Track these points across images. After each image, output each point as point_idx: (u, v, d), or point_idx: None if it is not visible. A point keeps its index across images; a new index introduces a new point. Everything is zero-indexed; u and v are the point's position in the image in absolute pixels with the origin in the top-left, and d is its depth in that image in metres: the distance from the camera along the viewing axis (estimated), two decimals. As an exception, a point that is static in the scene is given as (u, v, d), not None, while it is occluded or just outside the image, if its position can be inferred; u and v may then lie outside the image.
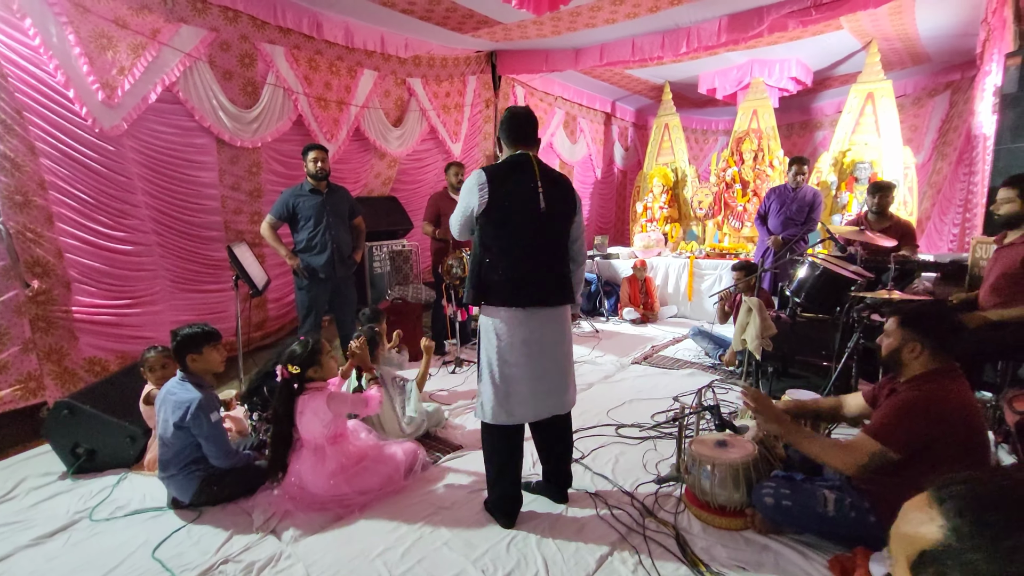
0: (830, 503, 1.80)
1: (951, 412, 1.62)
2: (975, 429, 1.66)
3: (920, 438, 1.62)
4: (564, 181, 2.12)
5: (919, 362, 1.74)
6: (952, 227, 5.90)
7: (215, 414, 2.19)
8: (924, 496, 0.62)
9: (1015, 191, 2.48)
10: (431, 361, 3.14)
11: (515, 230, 1.98)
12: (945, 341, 1.72)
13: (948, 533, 0.56)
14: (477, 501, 2.26)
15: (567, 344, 2.15)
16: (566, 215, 2.07)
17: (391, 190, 5.59)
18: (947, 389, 1.66)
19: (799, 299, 3.07)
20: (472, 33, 5.07)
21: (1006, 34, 3.66)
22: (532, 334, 2.02)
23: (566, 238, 2.10)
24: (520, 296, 2.00)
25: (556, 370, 2.10)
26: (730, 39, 4.73)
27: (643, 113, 8.99)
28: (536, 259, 2.01)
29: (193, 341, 2.25)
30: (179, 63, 3.52)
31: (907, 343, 1.75)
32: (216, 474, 2.21)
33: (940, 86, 6.54)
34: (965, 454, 1.62)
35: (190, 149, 3.75)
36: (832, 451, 1.76)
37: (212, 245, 3.96)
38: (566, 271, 2.10)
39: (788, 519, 1.87)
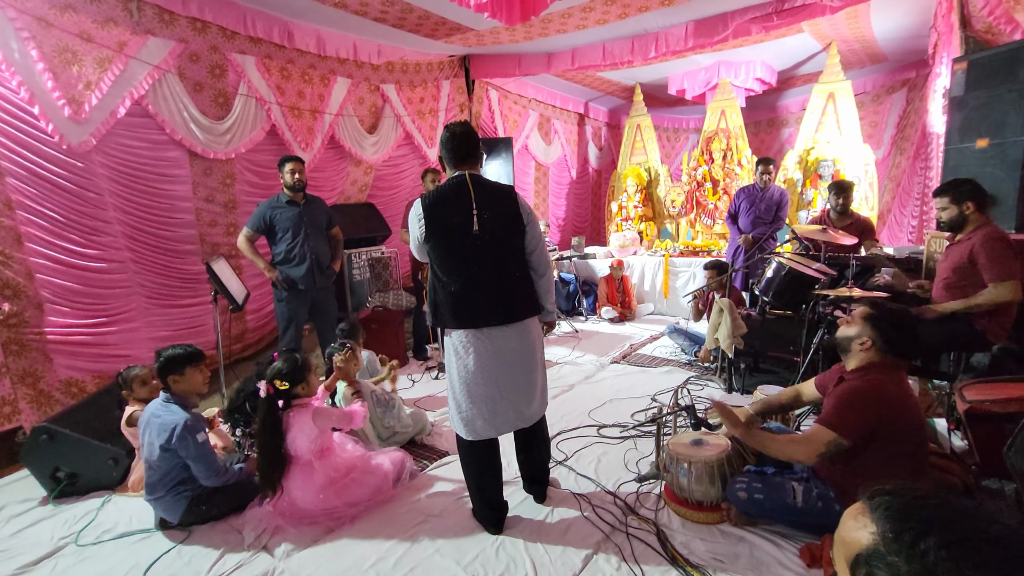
0: (799, 494, 1.92)
1: (890, 400, 1.78)
2: (913, 416, 1.82)
3: (867, 425, 1.76)
4: (507, 198, 2.07)
5: (866, 355, 1.88)
6: (911, 219, 6.18)
7: (200, 434, 2.19)
8: (859, 504, 0.71)
9: (947, 198, 2.67)
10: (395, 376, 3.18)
11: (454, 255, 2.02)
12: (895, 345, 1.85)
13: (876, 538, 0.65)
14: (465, 507, 2.32)
15: (530, 357, 2.13)
16: (510, 231, 2.05)
17: (368, 196, 5.58)
18: (886, 379, 1.82)
19: (767, 298, 3.21)
20: (445, 39, 5.10)
21: (953, 39, 3.87)
22: (487, 352, 2.04)
23: (516, 254, 2.08)
24: (467, 318, 2.03)
25: (516, 385, 2.09)
26: (697, 44, 4.87)
27: (616, 113, 9.13)
28: (477, 280, 2.01)
29: (175, 362, 2.25)
30: (148, 76, 3.47)
31: (861, 335, 1.88)
32: (204, 493, 2.22)
33: (897, 83, 6.82)
34: (906, 439, 1.78)
35: (162, 162, 3.70)
36: (792, 447, 1.89)
37: (188, 259, 3.92)
38: (517, 288, 2.08)
39: (761, 511, 1.99)
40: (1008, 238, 2.55)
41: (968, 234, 2.64)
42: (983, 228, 2.59)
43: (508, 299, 2.06)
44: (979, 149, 3.42)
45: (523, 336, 2.11)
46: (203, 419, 2.29)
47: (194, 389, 2.32)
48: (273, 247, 3.62)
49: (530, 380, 2.14)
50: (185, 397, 2.27)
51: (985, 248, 2.52)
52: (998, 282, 2.49)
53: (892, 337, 1.84)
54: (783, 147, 8.07)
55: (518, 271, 2.10)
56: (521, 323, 2.10)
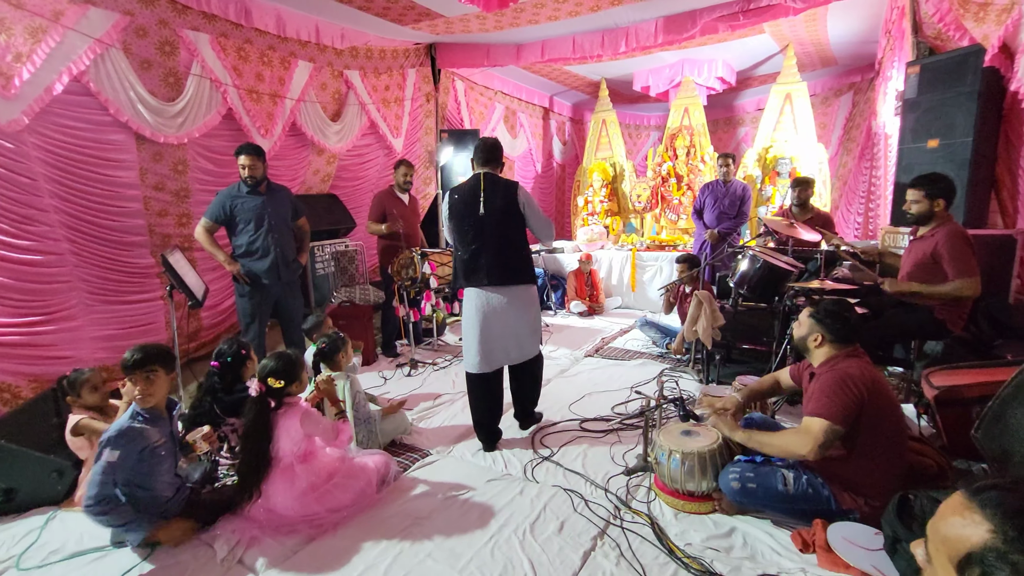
0: (789, 481, 1.97)
1: (864, 381, 1.87)
2: (887, 395, 1.92)
3: (853, 407, 1.85)
4: (509, 190, 2.64)
5: (822, 350, 2.01)
6: (857, 216, 6.53)
7: (112, 452, 1.88)
8: (960, 500, 0.69)
9: (922, 192, 2.76)
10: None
11: (465, 231, 2.65)
12: (839, 332, 1.99)
13: (994, 536, 0.63)
14: (455, 508, 2.24)
15: (518, 313, 2.67)
16: (510, 214, 2.62)
17: (331, 187, 5.35)
18: (853, 365, 1.93)
19: (744, 291, 3.28)
20: (412, 25, 4.93)
21: (905, 44, 4.08)
22: (483, 305, 2.65)
23: (515, 233, 2.65)
24: (472, 278, 2.66)
25: (505, 334, 2.67)
26: (666, 40, 4.92)
27: (580, 108, 9.17)
28: (481, 251, 2.62)
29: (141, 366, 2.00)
30: (88, 50, 3.15)
31: (811, 333, 2.04)
32: (167, 513, 2.03)
33: (844, 87, 7.18)
34: (885, 418, 1.87)
35: (105, 146, 3.38)
36: (790, 443, 1.93)
37: (135, 251, 3.61)
38: (512, 259, 2.64)
39: (753, 500, 2.01)
40: (968, 235, 2.70)
41: (932, 230, 2.77)
42: (946, 225, 2.72)
43: (503, 267, 2.63)
44: (930, 149, 3.63)
45: (513, 296, 2.66)
46: (140, 436, 1.95)
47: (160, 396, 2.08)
48: (233, 239, 3.39)
49: (517, 331, 2.69)
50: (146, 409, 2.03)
51: (948, 245, 2.65)
52: (963, 278, 2.63)
53: (835, 327, 1.99)
54: (739, 145, 8.36)
55: (515, 246, 2.65)
56: (514, 287, 2.66)
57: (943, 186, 2.74)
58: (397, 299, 4.29)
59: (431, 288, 4.30)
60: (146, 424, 1.99)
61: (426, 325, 4.88)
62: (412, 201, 4.60)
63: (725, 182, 5.13)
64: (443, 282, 4.38)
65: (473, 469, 2.60)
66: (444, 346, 4.83)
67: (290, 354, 2.20)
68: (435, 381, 3.92)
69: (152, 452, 2.01)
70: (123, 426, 1.95)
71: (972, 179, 3.37)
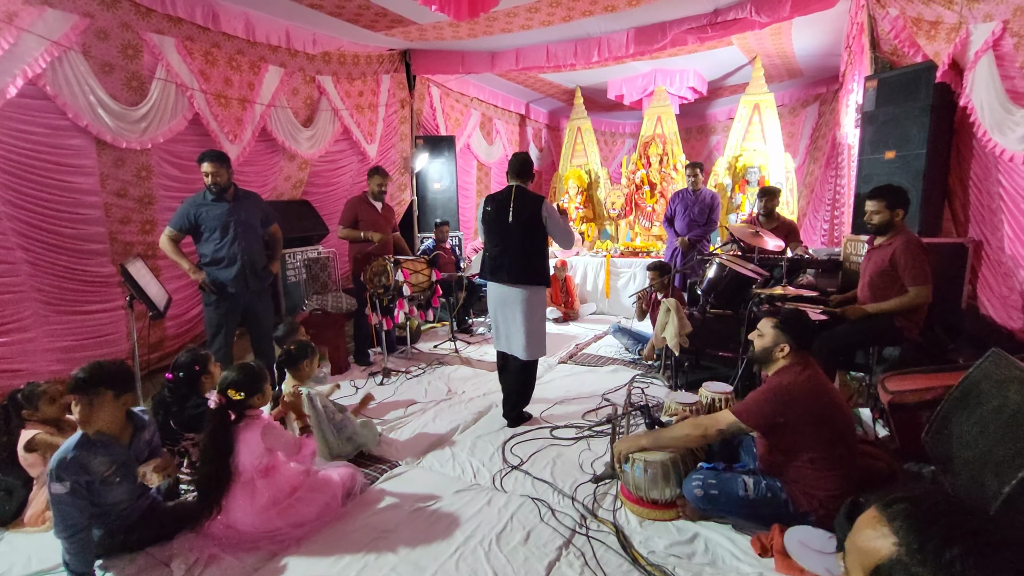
0: (750, 487, 2.01)
1: (802, 396, 1.94)
2: (831, 401, 1.98)
3: (770, 416, 1.94)
4: (535, 203, 2.99)
5: (784, 359, 2.07)
6: (823, 223, 6.73)
7: (58, 485, 1.80)
8: (873, 513, 0.72)
9: (883, 203, 2.85)
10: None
11: (494, 235, 3.06)
12: (803, 340, 2.07)
13: (899, 549, 0.65)
14: (421, 520, 2.22)
15: (522, 311, 3.02)
16: (531, 219, 2.97)
17: (303, 193, 5.28)
18: (793, 375, 1.99)
19: (712, 298, 3.34)
20: (386, 31, 4.92)
21: (864, 59, 4.23)
22: (496, 299, 3.14)
23: (535, 241, 3.01)
24: (495, 275, 3.09)
25: (504, 324, 3.13)
26: (637, 50, 5.01)
27: (556, 115, 9.25)
28: (505, 253, 3.02)
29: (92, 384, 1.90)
30: (45, 52, 3.05)
31: (779, 343, 2.07)
32: (125, 525, 1.96)
33: (810, 98, 7.39)
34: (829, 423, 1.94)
35: (63, 151, 3.27)
36: (693, 424, 2.10)
37: (95, 259, 3.50)
38: (528, 263, 3.00)
39: (716, 506, 2.05)
40: (923, 244, 2.80)
41: (890, 239, 2.87)
42: (903, 234, 2.83)
43: (522, 269, 3.01)
44: (888, 160, 3.76)
45: (518, 295, 3.03)
46: (81, 465, 1.85)
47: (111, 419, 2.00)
48: (199, 247, 3.31)
49: (513, 326, 3.08)
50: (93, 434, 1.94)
51: (905, 253, 2.75)
52: (917, 286, 2.74)
53: (800, 334, 2.06)
54: (711, 153, 8.54)
55: (534, 252, 3.02)
56: (520, 287, 3.01)
57: (902, 197, 2.85)
58: (370, 307, 4.25)
59: (404, 296, 4.27)
60: (92, 452, 1.88)
61: (400, 333, 4.85)
62: (385, 208, 4.57)
63: (694, 190, 5.24)
64: (416, 290, 4.35)
65: (442, 479, 2.58)
66: (418, 354, 4.80)
67: (252, 366, 2.16)
68: (408, 390, 3.89)
69: (103, 481, 1.92)
70: (66, 456, 1.84)
71: (926, 190, 3.50)
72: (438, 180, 6.59)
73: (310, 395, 2.63)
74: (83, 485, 1.86)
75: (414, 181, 6.35)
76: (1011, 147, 2.68)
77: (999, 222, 3.04)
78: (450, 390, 3.85)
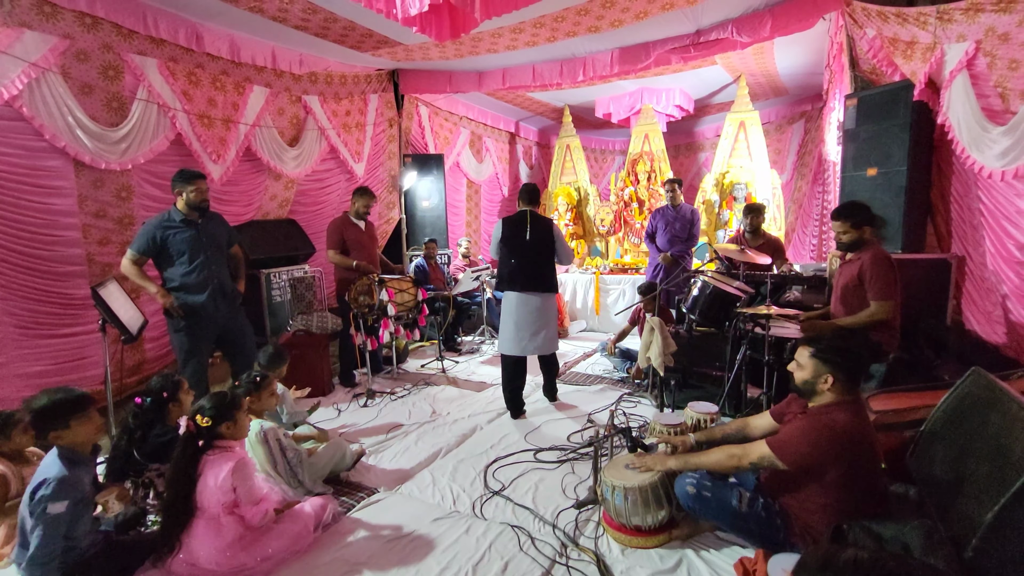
0: (744, 501, 1.95)
1: (843, 444, 1.77)
2: (869, 453, 1.81)
3: (810, 458, 1.79)
4: (547, 225, 3.61)
5: (831, 392, 1.86)
6: (812, 238, 6.75)
7: (57, 505, 1.77)
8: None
9: (848, 223, 2.83)
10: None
11: (514, 250, 3.57)
12: (852, 373, 1.86)
13: None
14: (396, 551, 2.15)
15: (541, 313, 3.58)
16: (544, 238, 3.57)
17: (289, 212, 5.25)
18: (843, 419, 1.80)
19: (695, 316, 3.32)
20: (372, 52, 4.95)
21: (844, 78, 4.28)
22: (518, 305, 3.58)
23: (547, 255, 3.60)
24: (514, 284, 3.58)
25: (527, 326, 3.56)
26: (622, 70, 5.06)
27: (546, 133, 9.32)
28: (521, 265, 3.55)
29: (53, 414, 1.86)
30: (22, 74, 3.04)
31: (821, 375, 1.87)
32: (82, 561, 1.88)
33: (796, 115, 7.49)
34: (856, 479, 1.80)
35: (40, 172, 3.24)
36: (725, 455, 1.97)
37: (71, 281, 3.44)
38: (541, 273, 3.58)
39: (705, 509, 1.99)
40: (891, 259, 2.80)
41: (859, 254, 2.86)
42: (871, 249, 2.82)
43: (534, 277, 3.56)
44: (870, 177, 3.77)
45: (537, 300, 3.58)
46: (82, 485, 1.86)
47: (82, 442, 1.94)
48: (165, 271, 3.15)
49: (537, 326, 3.57)
50: (73, 450, 1.91)
51: (871, 268, 2.75)
52: (879, 300, 2.73)
53: (846, 365, 1.84)
54: (700, 170, 8.60)
55: (544, 265, 3.59)
56: (538, 293, 3.58)
57: (865, 213, 2.85)
58: (354, 327, 4.19)
59: (389, 316, 4.22)
60: (78, 469, 1.87)
61: (387, 353, 4.78)
62: (369, 227, 4.54)
63: (674, 206, 5.26)
64: (402, 309, 4.31)
65: (420, 507, 2.51)
66: (404, 374, 4.73)
67: (225, 393, 2.09)
68: (392, 412, 3.82)
69: (83, 500, 1.88)
70: (62, 474, 1.80)
71: (908, 205, 3.51)
72: (427, 198, 6.58)
73: (263, 431, 2.48)
74: (77, 503, 1.82)
75: (402, 199, 6.35)
76: (989, 164, 2.70)
77: (981, 238, 3.04)
78: (435, 411, 3.78)
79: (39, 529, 1.76)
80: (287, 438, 2.58)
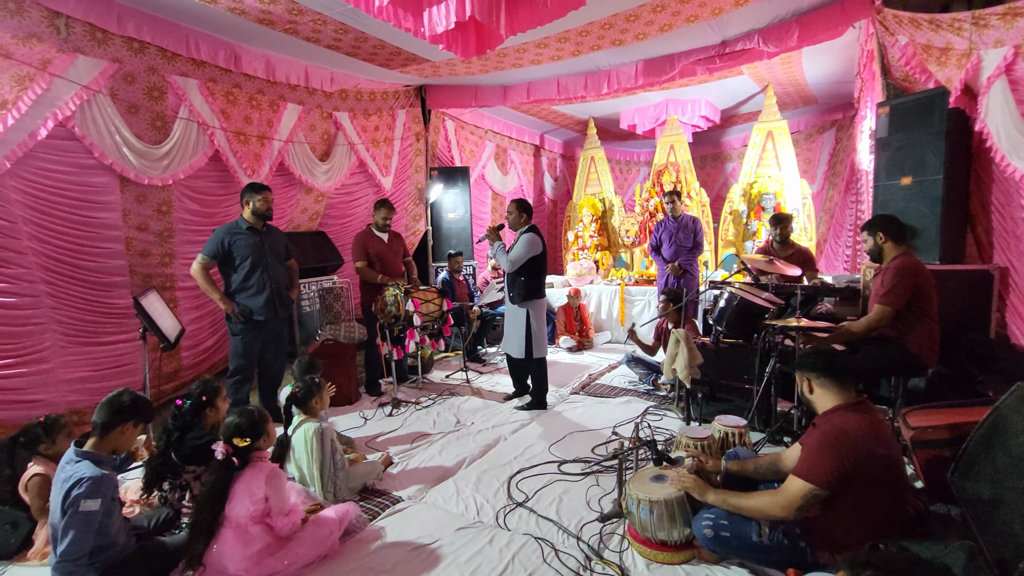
0: (764, 532, 1.89)
1: (857, 441, 1.74)
2: (887, 455, 1.77)
3: (840, 469, 1.72)
4: None
5: (822, 400, 1.92)
6: (845, 249, 6.56)
7: (90, 502, 1.85)
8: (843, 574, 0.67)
9: (866, 231, 2.94)
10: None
11: (542, 261, 3.87)
12: (831, 372, 1.90)
13: None
14: (419, 560, 2.16)
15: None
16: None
17: (319, 225, 5.40)
18: (852, 420, 1.79)
19: (721, 327, 3.26)
20: (400, 69, 5.08)
21: (876, 86, 4.19)
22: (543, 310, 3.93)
23: None
24: (542, 293, 3.91)
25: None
26: (646, 82, 5.07)
27: (570, 145, 9.36)
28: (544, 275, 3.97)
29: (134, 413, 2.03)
30: (75, 96, 3.24)
31: (802, 382, 1.99)
32: (119, 561, 1.95)
33: (827, 124, 7.34)
34: (878, 481, 1.74)
35: (88, 188, 3.43)
36: (766, 505, 1.85)
37: (115, 292, 3.61)
38: None
39: (727, 549, 1.94)
40: (914, 269, 2.74)
41: (887, 264, 2.85)
42: (898, 258, 2.80)
43: None
44: (904, 186, 3.67)
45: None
46: (111, 483, 1.96)
47: (124, 447, 2.07)
48: (230, 275, 3.41)
49: None
50: (100, 453, 2.00)
51: (889, 275, 2.74)
52: (880, 304, 2.73)
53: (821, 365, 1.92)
54: (727, 180, 8.50)
55: None
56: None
57: (877, 221, 2.93)
58: (380, 337, 4.26)
59: (414, 326, 4.28)
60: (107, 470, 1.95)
61: (412, 362, 4.84)
62: (392, 239, 4.62)
63: (675, 217, 5.25)
64: (427, 319, 4.36)
65: (444, 516, 2.52)
66: (429, 384, 4.77)
67: (253, 410, 2.16)
68: (416, 421, 3.85)
69: (114, 499, 1.98)
70: (97, 473, 1.90)
71: (945, 215, 3.40)
72: (452, 210, 6.68)
73: (320, 430, 2.61)
74: (110, 502, 1.91)
75: (428, 211, 6.45)
76: (1031, 171, 2.60)
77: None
78: (459, 421, 3.79)
79: (72, 527, 1.84)
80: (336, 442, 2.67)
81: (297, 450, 2.60)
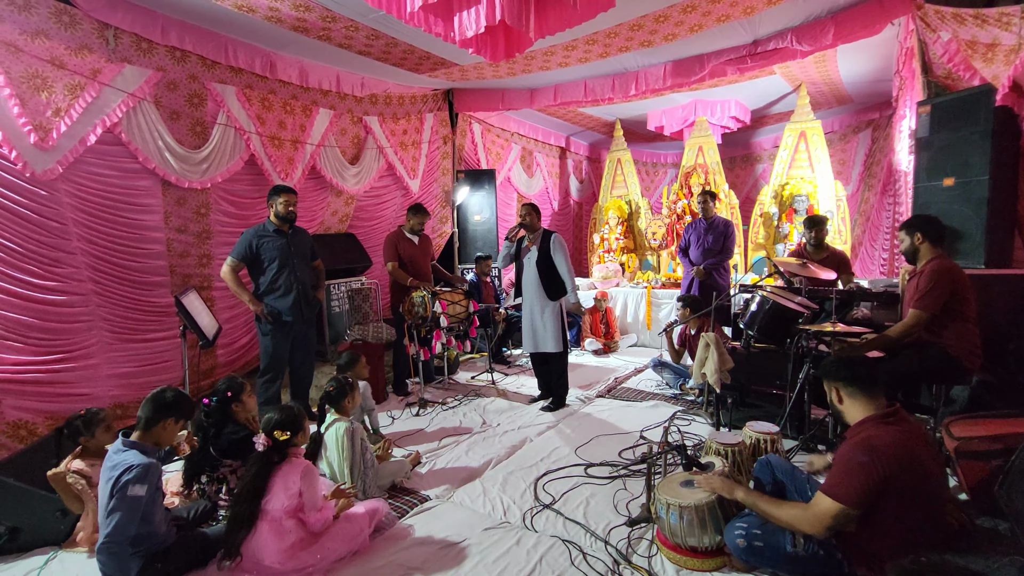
0: (800, 542, 1.84)
1: (887, 455, 1.66)
2: (923, 467, 1.70)
3: (871, 487, 1.66)
4: None
5: (851, 410, 1.86)
6: (882, 252, 6.35)
7: (138, 487, 1.93)
8: None
9: (904, 231, 2.87)
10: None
11: None
12: (858, 380, 1.83)
13: None
14: (448, 559, 2.18)
15: None
16: None
17: (348, 227, 5.51)
18: (883, 433, 1.72)
19: (753, 332, 3.20)
20: (429, 73, 5.15)
21: (916, 84, 4.05)
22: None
23: None
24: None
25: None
26: (675, 83, 5.02)
27: (596, 147, 9.32)
28: None
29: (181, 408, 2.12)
30: (121, 103, 3.39)
31: (828, 393, 1.94)
32: (162, 551, 2.03)
33: (862, 124, 7.13)
34: (920, 495, 1.68)
35: (133, 191, 3.58)
36: (796, 519, 1.80)
37: (156, 291, 3.75)
38: None
39: (760, 560, 1.90)
40: (950, 272, 2.65)
41: (922, 266, 2.77)
42: (934, 260, 2.72)
43: None
44: (946, 188, 3.53)
45: None
46: (157, 472, 2.04)
47: (168, 441, 2.16)
48: (259, 277, 3.50)
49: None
50: (145, 445, 2.08)
51: (925, 278, 2.67)
52: (915, 309, 2.65)
53: (842, 374, 1.86)
54: (757, 182, 8.33)
55: None
56: None
57: (914, 221, 2.86)
58: (407, 337, 4.31)
59: (441, 327, 4.32)
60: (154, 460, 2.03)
61: (438, 363, 4.89)
62: (422, 241, 4.68)
63: (707, 219, 5.11)
64: (454, 320, 4.40)
65: (472, 516, 2.53)
66: (455, 384, 4.81)
67: (292, 406, 2.23)
68: (443, 421, 3.89)
69: (159, 488, 2.06)
70: (146, 461, 1.98)
71: (991, 218, 3.25)
72: (478, 212, 6.72)
73: (351, 429, 2.65)
74: (155, 490, 2.00)
75: (455, 213, 6.51)
76: (1085, 172, 2.48)
77: (1078, 252, 2.79)
78: (485, 422, 3.82)
79: (119, 510, 1.92)
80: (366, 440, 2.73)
81: (329, 448, 2.66)
